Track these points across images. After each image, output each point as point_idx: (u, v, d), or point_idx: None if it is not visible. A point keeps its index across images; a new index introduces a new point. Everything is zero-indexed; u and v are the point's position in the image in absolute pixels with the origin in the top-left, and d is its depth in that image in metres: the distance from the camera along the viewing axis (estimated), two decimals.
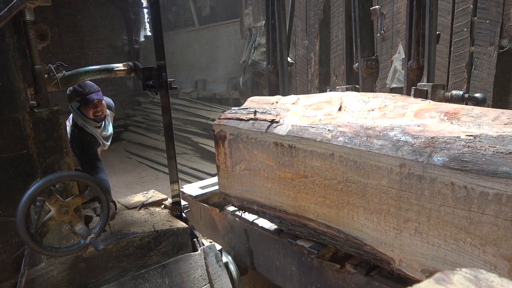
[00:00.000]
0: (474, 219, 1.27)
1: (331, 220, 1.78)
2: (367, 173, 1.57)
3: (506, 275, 1.24)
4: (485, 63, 3.40)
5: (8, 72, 1.55)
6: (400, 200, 1.47)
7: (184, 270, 2.13)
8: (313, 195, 1.82)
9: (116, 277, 1.97)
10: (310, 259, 2.11)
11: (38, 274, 1.75)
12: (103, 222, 1.80)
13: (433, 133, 1.43)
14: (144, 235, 2.05)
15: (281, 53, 3.22)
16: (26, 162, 1.64)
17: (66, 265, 1.82)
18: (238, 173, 2.23)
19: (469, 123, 1.45)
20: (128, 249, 2.00)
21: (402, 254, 1.53)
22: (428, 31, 2.38)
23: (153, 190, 2.76)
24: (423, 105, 1.71)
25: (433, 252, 1.42)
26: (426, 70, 2.45)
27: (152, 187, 4.17)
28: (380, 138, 1.54)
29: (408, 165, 1.42)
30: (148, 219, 2.25)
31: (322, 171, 1.74)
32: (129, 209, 2.40)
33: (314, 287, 2.13)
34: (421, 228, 1.43)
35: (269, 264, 2.44)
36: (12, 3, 1.44)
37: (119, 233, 2.04)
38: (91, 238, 1.72)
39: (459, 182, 1.29)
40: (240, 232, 2.62)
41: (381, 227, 1.57)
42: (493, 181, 1.20)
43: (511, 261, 1.21)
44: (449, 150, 1.33)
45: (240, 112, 2.23)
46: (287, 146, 1.88)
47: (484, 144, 1.28)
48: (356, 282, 1.89)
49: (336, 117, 1.81)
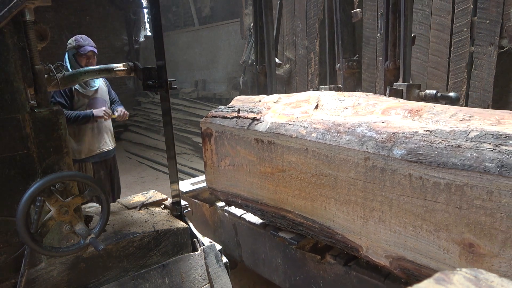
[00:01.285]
0: (429, 207, 1.37)
1: (307, 211, 1.88)
2: (337, 166, 1.67)
3: (457, 258, 1.34)
4: (485, 63, 3.40)
5: (8, 72, 1.55)
6: (366, 191, 1.57)
7: (184, 270, 2.13)
8: (290, 188, 1.92)
9: (116, 277, 1.97)
10: (294, 251, 2.19)
11: (38, 274, 1.75)
12: (103, 222, 1.80)
13: (394, 129, 1.54)
14: (144, 235, 2.05)
15: (268, 54, 3.30)
16: (26, 162, 1.64)
17: (66, 265, 1.82)
18: (223, 169, 2.34)
19: (428, 120, 1.54)
20: (128, 249, 2.00)
21: (369, 241, 1.63)
22: (403, 34, 2.49)
23: (153, 190, 2.76)
24: (391, 103, 1.80)
25: (395, 238, 1.51)
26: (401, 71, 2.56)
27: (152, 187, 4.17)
28: (349, 133, 1.64)
29: (372, 158, 1.52)
30: (148, 219, 2.25)
31: (298, 165, 1.84)
32: (129, 209, 2.40)
33: (297, 278, 2.21)
34: (384, 216, 1.53)
35: (256, 257, 2.52)
36: (12, 3, 1.44)
37: (119, 233, 2.04)
38: (91, 238, 1.72)
39: (416, 173, 1.39)
40: (229, 226, 2.70)
41: (350, 216, 1.67)
42: (444, 172, 1.31)
43: (461, 245, 1.32)
44: (407, 144, 1.44)
45: (225, 111, 2.34)
46: (266, 142, 1.99)
47: (438, 138, 1.38)
48: (336, 272, 1.97)
49: (312, 114, 1.91)
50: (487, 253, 1.26)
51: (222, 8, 8.48)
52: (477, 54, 3.44)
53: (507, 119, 1.39)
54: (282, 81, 5.85)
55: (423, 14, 3.78)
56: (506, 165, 1.17)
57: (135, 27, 10.90)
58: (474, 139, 1.31)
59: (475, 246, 1.28)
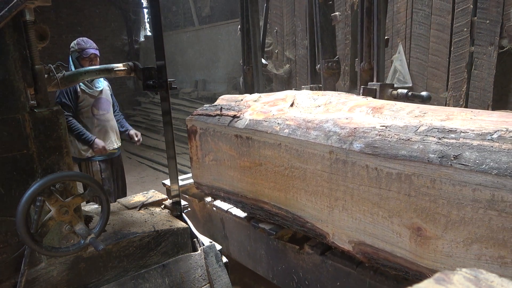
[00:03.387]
0: (383, 195, 1.49)
1: (281, 202, 2.00)
2: (306, 159, 1.79)
3: (408, 241, 1.45)
4: (485, 63, 3.40)
5: (8, 72, 1.55)
6: (331, 182, 1.69)
7: (184, 270, 2.13)
8: (266, 181, 2.04)
9: (116, 277, 1.97)
10: (276, 242, 2.29)
11: (38, 274, 1.75)
12: (103, 222, 1.80)
13: (356, 125, 1.66)
14: (144, 235, 2.05)
15: (255, 55, 3.46)
16: (26, 162, 1.64)
17: (66, 265, 1.82)
18: (207, 164, 2.45)
19: (387, 116, 1.66)
20: (128, 249, 2.00)
21: (334, 228, 1.75)
22: (376, 36, 2.65)
23: (153, 190, 2.76)
24: (359, 102, 1.90)
25: (356, 225, 1.64)
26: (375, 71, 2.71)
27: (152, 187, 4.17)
28: (316, 129, 1.77)
29: (335, 152, 1.65)
30: (148, 219, 2.25)
31: (273, 159, 1.97)
32: (129, 209, 2.40)
33: (279, 269, 2.33)
34: (347, 205, 1.65)
35: (242, 249, 2.63)
36: (12, 3, 1.44)
37: (119, 233, 2.04)
38: (91, 238, 1.72)
39: (372, 165, 1.51)
40: (217, 220, 2.80)
41: (318, 206, 1.79)
42: (395, 163, 1.43)
43: (411, 229, 1.43)
44: (365, 138, 1.56)
45: (209, 109, 2.45)
46: (245, 138, 2.10)
47: (391, 132, 1.51)
48: (313, 261, 2.09)
49: (286, 112, 2.03)
50: (432, 235, 1.37)
51: (222, 8, 8.48)
52: (477, 54, 3.44)
53: (456, 115, 1.50)
54: (282, 81, 5.85)
55: (423, 14, 3.78)
56: (445, 156, 1.30)
57: (135, 27, 10.90)
58: (422, 133, 1.43)
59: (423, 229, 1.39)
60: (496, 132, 1.27)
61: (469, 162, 1.24)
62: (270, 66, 6.06)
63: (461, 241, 1.29)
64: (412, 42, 3.92)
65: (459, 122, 1.43)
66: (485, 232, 1.22)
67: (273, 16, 5.85)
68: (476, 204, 1.23)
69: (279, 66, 5.96)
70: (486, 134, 1.29)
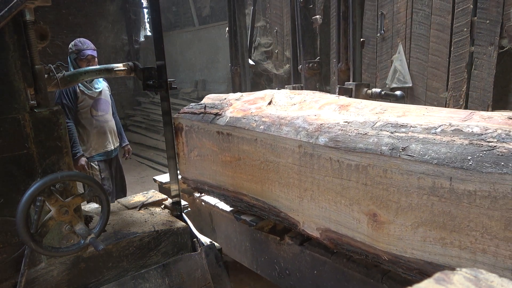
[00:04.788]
0: (344, 185, 1.61)
1: (257, 194, 2.11)
2: (279, 153, 1.90)
3: (366, 226, 1.56)
4: (485, 63, 3.40)
5: (8, 72, 1.55)
6: (301, 174, 1.81)
7: (184, 270, 2.13)
8: (245, 174, 2.15)
9: (116, 277, 1.97)
10: (259, 234, 2.40)
11: (38, 274, 1.75)
12: (103, 222, 1.80)
13: (322, 121, 1.77)
14: (144, 235, 2.05)
15: (242, 56, 3.62)
16: (26, 162, 1.64)
17: (66, 265, 1.82)
18: (193, 159, 2.57)
19: (352, 113, 1.77)
20: (128, 249, 2.00)
21: (304, 217, 1.87)
22: (352, 39, 2.80)
23: (153, 190, 2.77)
24: (329, 100, 2.02)
25: (323, 213, 1.76)
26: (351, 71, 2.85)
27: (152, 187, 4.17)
28: (288, 125, 1.88)
29: (303, 146, 1.76)
30: (148, 219, 2.25)
31: (250, 153, 2.07)
32: (129, 209, 2.40)
33: (263, 259, 2.45)
34: (314, 195, 1.77)
35: (228, 242, 2.74)
36: (12, 3, 1.44)
37: (119, 233, 2.04)
38: (91, 238, 1.72)
39: (334, 157, 1.63)
40: (206, 214, 2.92)
41: (290, 196, 1.90)
42: (353, 155, 1.55)
43: (368, 215, 1.54)
44: (329, 133, 1.68)
45: (195, 107, 2.57)
46: (226, 134, 2.21)
47: (352, 127, 1.62)
48: (293, 252, 2.21)
49: (264, 110, 2.13)
50: (385, 220, 1.48)
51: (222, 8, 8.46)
52: (477, 54, 3.44)
53: (411, 111, 1.61)
54: (282, 80, 5.85)
55: (423, 14, 3.78)
56: (395, 148, 1.42)
57: (135, 27, 10.89)
58: (378, 128, 1.55)
59: (378, 215, 1.50)
60: (440, 127, 1.39)
61: (415, 153, 1.36)
62: (270, 66, 6.06)
63: (409, 225, 1.40)
64: (412, 42, 3.92)
65: (411, 118, 1.54)
66: (428, 216, 1.34)
67: (273, 16, 5.85)
68: (421, 191, 1.34)
69: (279, 66, 5.95)
70: (431, 128, 1.41)
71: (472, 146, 1.25)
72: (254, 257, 2.53)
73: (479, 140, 1.26)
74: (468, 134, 1.31)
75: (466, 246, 1.27)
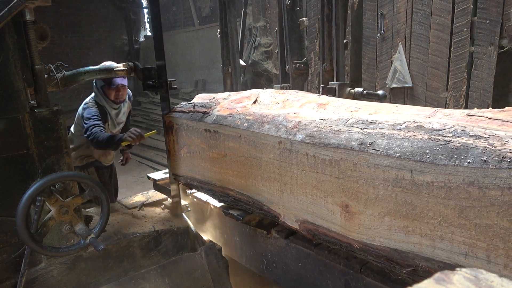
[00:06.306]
0: (320, 178, 1.71)
1: (242, 188, 2.20)
2: (261, 149, 2.00)
3: (339, 217, 1.66)
4: (485, 63, 3.40)
5: (8, 72, 1.55)
6: (281, 168, 1.90)
7: (184, 270, 2.13)
8: (230, 170, 2.24)
9: (116, 277, 1.97)
10: (248, 229, 2.49)
11: (38, 274, 1.75)
12: (103, 222, 1.80)
13: (301, 118, 1.87)
14: (144, 235, 2.05)
15: (233, 56, 3.70)
16: (26, 162, 1.64)
17: (66, 265, 1.82)
18: (183, 156, 2.65)
19: (329, 111, 1.87)
20: (128, 249, 2.00)
21: (285, 210, 1.96)
22: (335, 40, 2.91)
23: (153, 190, 2.77)
24: (310, 99, 2.11)
25: (301, 205, 1.85)
26: (335, 72, 2.96)
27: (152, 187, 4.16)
28: (269, 123, 1.98)
29: (283, 142, 1.85)
30: (148, 219, 2.25)
31: (235, 150, 2.16)
32: (129, 209, 2.40)
33: (251, 253, 2.56)
34: (293, 188, 1.87)
35: (220, 237, 2.81)
36: (12, 3, 1.44)
37: (119, 233, 2.04)
38: (91, 238, 1.72)
39: (310, 152, 1.72)
40: (198, 211, 2.97)
41: (272, 190, 2.00)
42: (327, 150, 1.65)
43: (341, 207, 1.64)
44: (306, 130, 1.77)
45: (185, 106, 2.65)
46: (213, 131, 2.30)
47: (327, 124, 1.72)
48: (279, 245, 2.31)
49: (249, 108, 2.22)
50: (356, 211, 1.58)
51: None
52: (477, 54, 3.44)
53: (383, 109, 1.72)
54: None
55: (423, 14, 3.78)
56: (363, 143, 1.52)
57: (135, 27, 10.89)
58: (349, 125, 1.65)
59: (349, 206, 1.60)
60: (405, 123, 1.50)
61: (380, 147, 1.47)
62: (270, 66, 6.06)
63: (377, 214, 1.50)
64: (412, 42, 3.92)
65: (381, 115, 1.65)
66: (393, 206, 1.45)
67: (273, 16, 5.85)
68: (386, 183, 1.45)
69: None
70: (397, 125, 1.51)
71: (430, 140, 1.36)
72: (243, 251, 2.64)
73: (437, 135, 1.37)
74: (428, 130, 1.41)
75: (426, 234, 1.37)
